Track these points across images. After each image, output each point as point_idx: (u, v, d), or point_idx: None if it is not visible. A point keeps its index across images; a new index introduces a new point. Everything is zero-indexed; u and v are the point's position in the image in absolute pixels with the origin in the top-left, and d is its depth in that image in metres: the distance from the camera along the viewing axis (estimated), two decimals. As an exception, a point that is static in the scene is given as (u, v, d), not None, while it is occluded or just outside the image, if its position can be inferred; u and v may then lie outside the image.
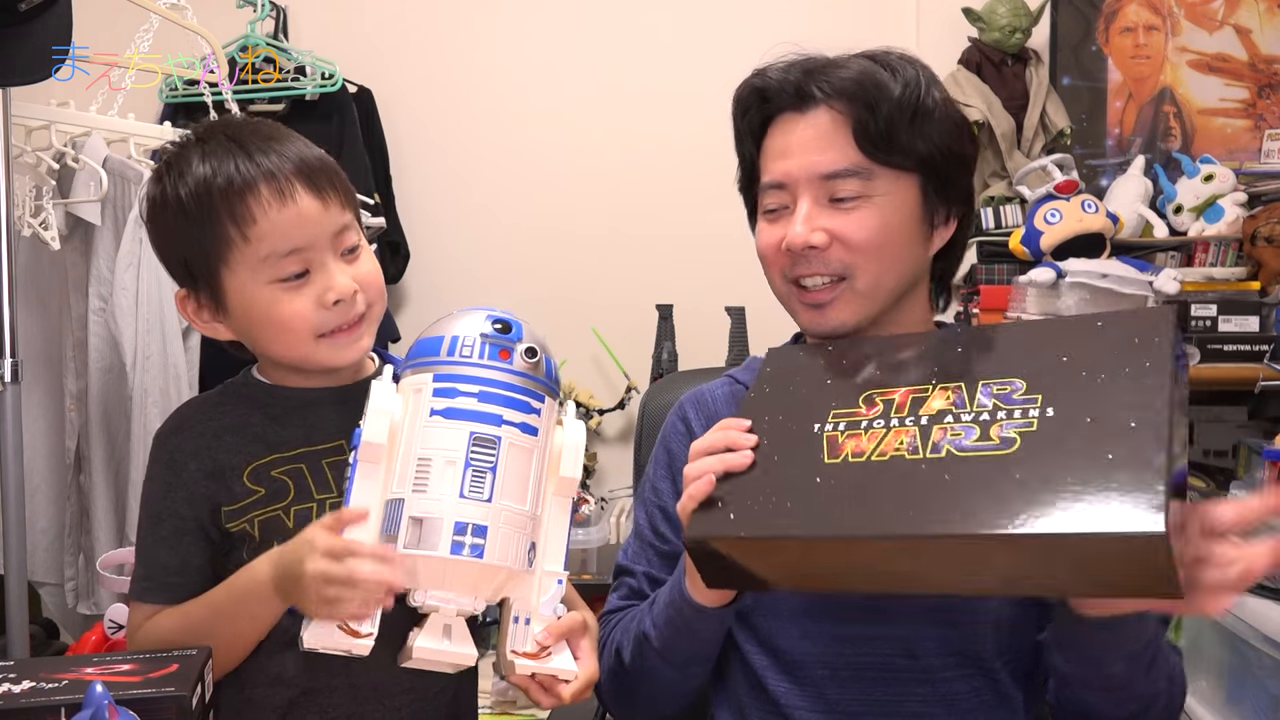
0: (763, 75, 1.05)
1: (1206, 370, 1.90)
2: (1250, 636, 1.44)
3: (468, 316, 0.88)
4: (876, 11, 2.45)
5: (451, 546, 0.81)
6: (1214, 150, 2.25)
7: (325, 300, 0.92)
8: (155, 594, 0.96)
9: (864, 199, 0.99)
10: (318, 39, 2.57)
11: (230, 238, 0.91)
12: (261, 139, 0.94)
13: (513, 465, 0.84)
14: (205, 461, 0.95)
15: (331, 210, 0.94)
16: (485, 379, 0.85)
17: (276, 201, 0.91)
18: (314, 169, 0.94)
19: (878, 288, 1.00)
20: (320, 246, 0.93)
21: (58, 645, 2.16)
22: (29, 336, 1.93)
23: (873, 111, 0.98)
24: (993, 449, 0.78)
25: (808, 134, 1.00)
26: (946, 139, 1.01)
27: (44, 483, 2.01)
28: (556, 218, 2.59)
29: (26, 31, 1.44)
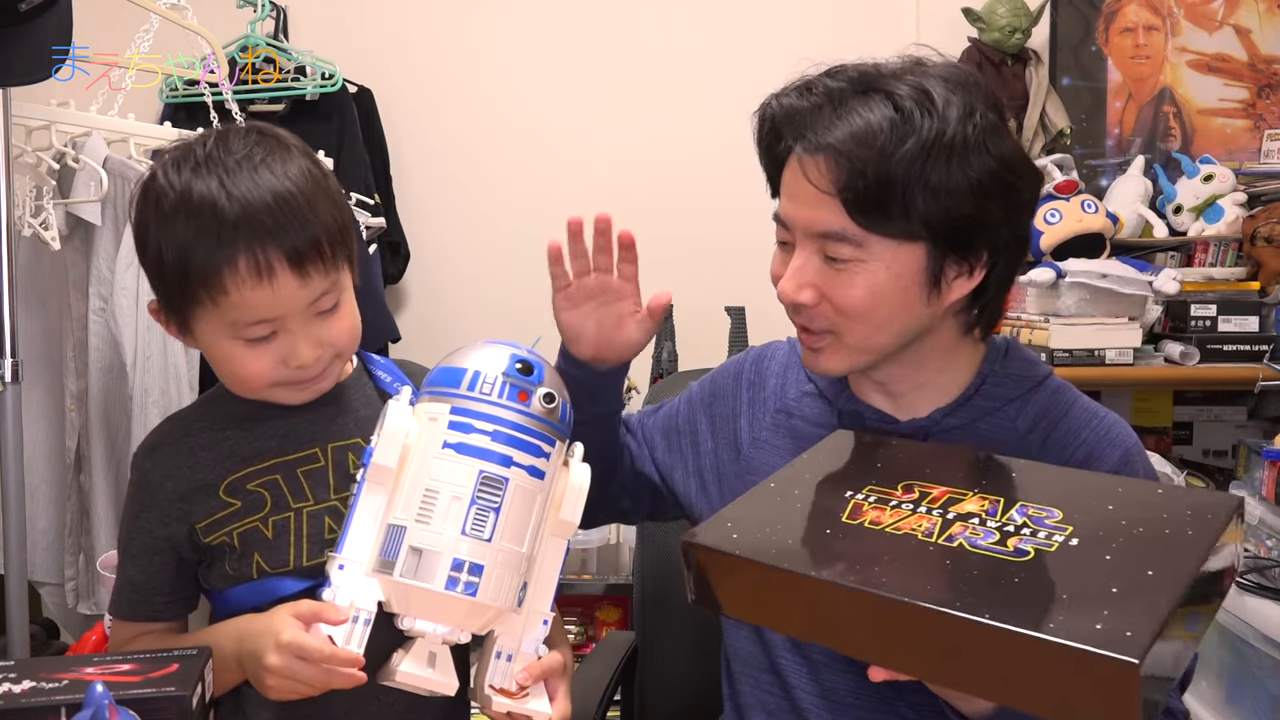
0: (776, 102, 0.97)
1: (1206, 370, 1.90)
2: (1250, 636, 1.44)
3: (492, 351, 0.88)
4: (876, 11, 2.45)
5: (447, 581, 0.82)
6: (1214, 150, 2.25)
7: (287, 363, 0.91)
8: (122, 609, 0.99)
9: (857, 262, 0.92)
10: (318, 39, 2.57)
11: (200, 298, 0.89)
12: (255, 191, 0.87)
13: (516, 507, 0.85)
14: (180, 483, 0.95)
15: (312, 284, 0.89)
16: (502, 419, 0.85)
17: (252, 279, 0.86)
18: (303, 243, 0.88)
19: (869, 345, 0.96)
20: (292, 316, 0.90)
21: (58, 645, 2.16)
22: (29, 336, 1.93)
23: (861, 177, 0.88)
24: (1004, 554, 0.77)
25: (804, 186, 0.93)
26: (963, 199, 0.89)
27: (44, 483, 2.00)
28: (556, 218, 2.57)
29: (26, 31, 1.44)
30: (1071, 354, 1.87)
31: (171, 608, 0.98)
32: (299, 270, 0.88)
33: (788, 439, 1.09)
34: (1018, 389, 1.01)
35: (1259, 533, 1.53)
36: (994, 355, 1.03)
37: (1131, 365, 1.89)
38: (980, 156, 0.89)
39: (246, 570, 0.94)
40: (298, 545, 0.94)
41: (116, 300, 1.86)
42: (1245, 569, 1.49)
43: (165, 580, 0.97)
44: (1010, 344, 1.05)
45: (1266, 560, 1.50)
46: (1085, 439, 0.99)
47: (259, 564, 0.94)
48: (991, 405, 1.00)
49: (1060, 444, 0.99)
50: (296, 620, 0.83)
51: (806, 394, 1.10)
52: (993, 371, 1.02)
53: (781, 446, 1.09)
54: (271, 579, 0.94)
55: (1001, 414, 1.00)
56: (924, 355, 0.99)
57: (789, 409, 1.10)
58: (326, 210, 0.91)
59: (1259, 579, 1.46)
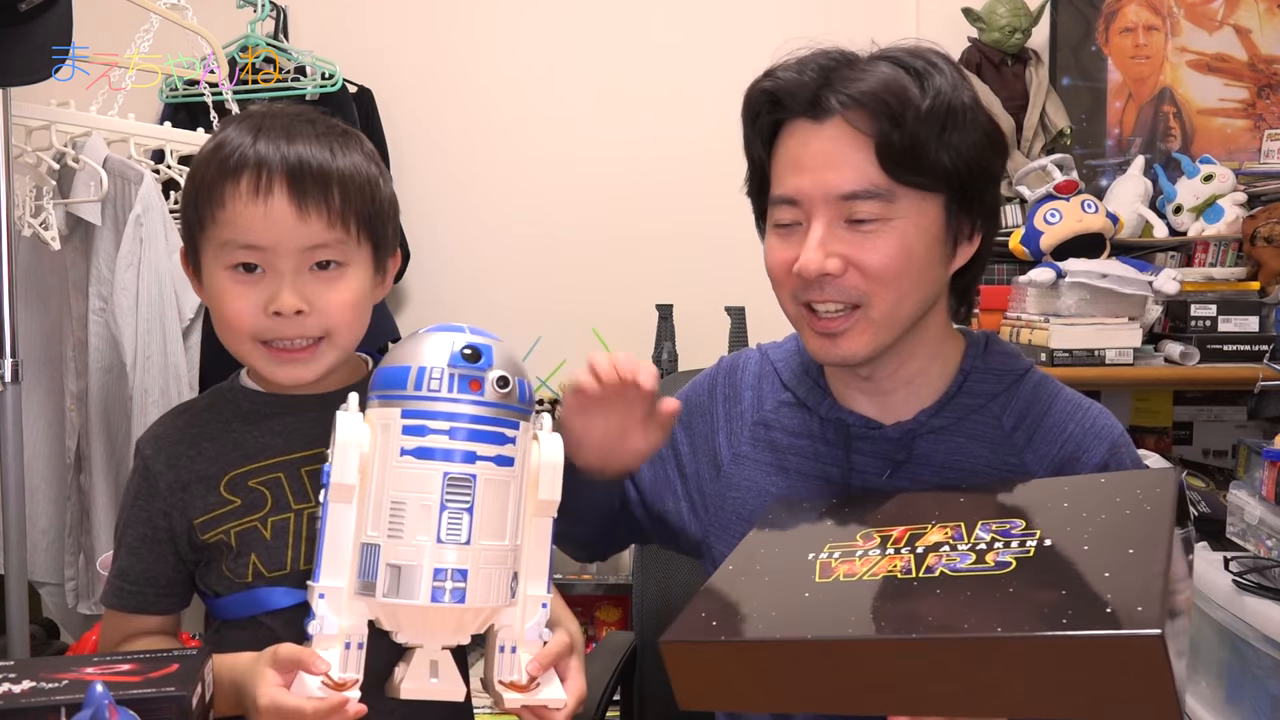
0: (774, 76, 0.97)
1: (1206, 370, 1.90)
2: (1250, 636, 1.44)
3: (435, 341, 0.83)
4: (876, 11, 2.45)
5: (432, 594, 0.79)
6: (1214, 150, 2.26)
7: (267, 308, 0.89)
8: (112, 598, 0.98)
9: (883, 221, 0.91)
10: (318, 39, 2.57)
11: (204, 214, 0.91)
12: (283, 127, 0.91)
13: (490, 502, 0.81)
14: (182, 473, 0.95)
15: (310, 223, 0.89)
16: (456, 414, 0.80)
17: (249, 194, 0.88)
18: (309, 175, 0.89)
19: (895, 316, 0.94)
20: (282, 253, 0.89)
21: (58, 645, 2.16)
22: (29, 336, 1.93)
23: (898, 126, 0.89)
24: (988, 570, 0.76)
25: (824, 148, 0.92)
26: (975, 152, 0.93)
27: (44, 483, 2.00)
28: (556, 217, 2.59)
29: (26, 31, 1.44)
30: (1071, 354, 1.87)
31: (164, 601, 0.98)
32: (298, 202, 0.88)
33: (767, 452, 1.07)
34: (1000, 384, 1.01)
35: (1259, 533, 1.53)
36: (974, 350, 1.02)
37: (1131, 365, 1.89)
38: (977, 116, 0.93)
39: (242, 572, 0.93)
40: (295, 548, 0.93)
41: (116, 300, 1.86)
42: (1245, 569, 1.48)
43: (160, 572, 0.96)
44: (989, 338, 1.05)
45: (1266, 560, 1.49)
46: (1071, 433, 0.99)
47: (256, 566, 0.93)
48: (976, 402, 1.00)
49: (1046, 439, 0.99)
50: (276, 674, 0.80)
51: (784, 404, 1.08)
52: (974, 366, 1.01)
53: (761, 460, 1.07)
54: (262, 590, 0.93)
55: (986, 411, 1.00)
56: (917, 341, 0.98)
57: (767, 421, 1.08)
58: (358, 191, 0.92)
59: (1259, 579, 1.46)
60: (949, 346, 1.02)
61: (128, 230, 1.86)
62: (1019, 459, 0.98)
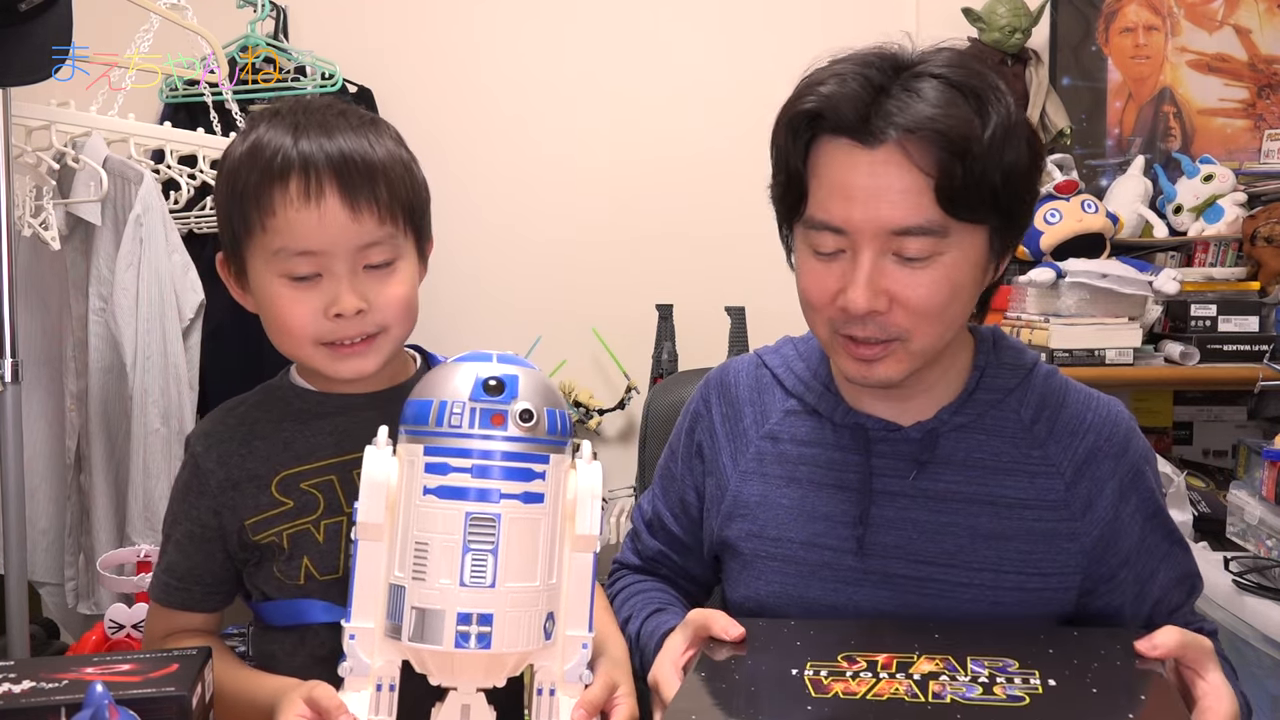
0: (816, 93, 0.89)
1: (1206, 370, 1.90)
2: (1250, 636, 1.44)
3: (457, 373, 0.80)
4: (876, 12, 2.45)
5: (456, 639, 0.76)
6: (1214, 150, 2.26)
7: (328, 311, 0.88)
8: (158, 592, 0.97)
9: (934, 257, 0.87)
10: (318, 39, 2.57)
11: (251, 223, 0.88)
12: (320, 123, 0.89)
13: (517, 542, 0.77)
14: (232, 471, 0.94)
15: (363, 221, 0.88)
16: (478, 451, 0.77)
17: (300, 199, 0.86)
18: (357, 171, 0.87)
19: (934, 348, 0.92)
20: (339, 255, 0.88)
21: (58, 645, 2.16)
22: (29, 336, 1.93)
23: (960, 162, 0.84)
24: (1002, 702, 0.75)
25: (876, 180, 0.86)
26: (1025, 175, 0.89)
27: (44, 483, 2.01)
28: (556, 218, 2.59)
29: (26, 31, 1.44)
30: (1071, 354, 1.87)
31: (210, 599, 0.97)
32: (350, 201, 0.86)
33: (776, 465, 1.04)
34: (1014, 378, 1.01)
35: (1259, 533, 1.53)
36: (985, 346, 1.02)
37: (1131, 365, 1.89)
38: (1026, 131, 0.90)
39: (295, 574, 0.93)
40: (349, 550, 0.90)
41: (116, 300, 1.86)
42: (1245, 569, 1.49)
43: (208, 570, 0.96)
44: (995, 333, 1.05)
45: (1266, 560, 1.49)
46: (1091, 423, 0.99)
47: (309, 569, 0.92)
48: (994, 397, 1.00)
49: (1068, 431, 0.99)
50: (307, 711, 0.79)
51: (791, 412, 1.05)
52: (989, 362, 1.01)
53: (770, 474, 1.03)
54: (304, 601, 0.93)
55: (1004, 405, 1.00)
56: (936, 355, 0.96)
57: (774, 434, 1.05)
58: (400, 180, 0.91)
59: (1259, 579, 1.46)
60: (962, 348, 1.01)
61: (128, 230, 1.86)
62: (1042, 451, 0.98)
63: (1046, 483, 0.97)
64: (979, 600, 0.96)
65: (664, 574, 1.16)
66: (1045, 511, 0.97)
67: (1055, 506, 0.97)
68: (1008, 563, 0.96)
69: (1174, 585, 1.02)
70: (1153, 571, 1.01)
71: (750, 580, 1.03)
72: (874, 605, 0.98)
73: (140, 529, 1.88)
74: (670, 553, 1.14)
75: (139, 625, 1.64)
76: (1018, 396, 1.00)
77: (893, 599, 0.97)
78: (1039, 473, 0.98)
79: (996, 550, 0.96)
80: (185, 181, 2.07)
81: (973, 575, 0.96)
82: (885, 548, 0.98)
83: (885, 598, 0.97)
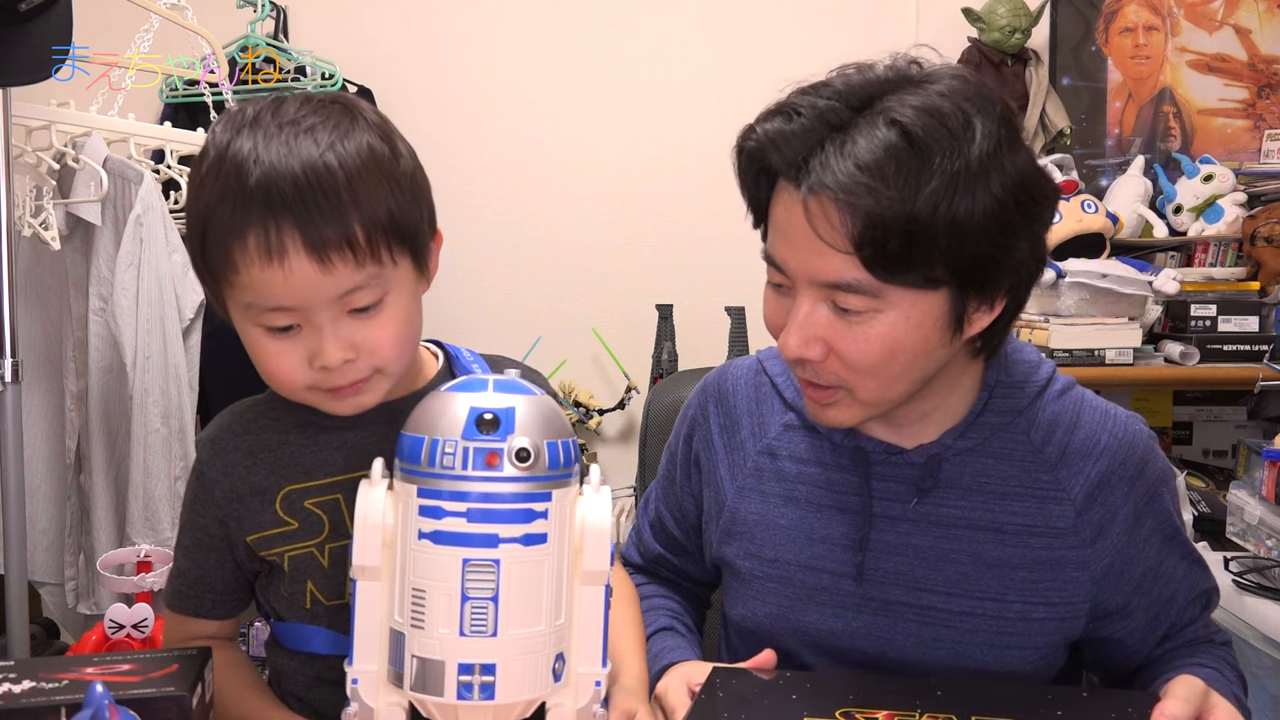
0: (759, 131, 0.85)
1: (1206, 370, 1.90)
2: (1250, 636, 1.44)
3: (450, 407, 0.74)
4: (876, 11, 2.45)
5: (458, 690, 0.72)
6: (1214, 150, 2.26)
7: (312, 363, 0.81)
8: (170, 598, 0.96)
9: (872, 314, 0.82)
10: (318, 39, 2.57)
11: (216, 274, 0.80)
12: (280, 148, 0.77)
13: (519, 587, 0.73)
14: (236, 483, 0.90)
15: (336, 273, 0.77)
16: (473, 493, 0.72)
17: (261, 258, 0.76)
18: (322, 216, 0.76)
19: (882, 398, 0.88)
20: (315, 307, 0.79)
21: (58, 645, 2.16)
22: (29, 336, 1.93)
23: (879, 227, 0.77)
24: None
25: (806, 227, 0.81)
26: (989, 237, 0.80)
27: (44, 483, 2.01)
28: (556, 218, 2.59)
29: (26, 31, 1.44)
30: (1071, 354, 1.87)
31: (221, 606, 0.95)
32: (318, 256, 0.76)
33: (774, 482, 1.00)
34: (1024, 397, 0.95)
35: (1259, 533, 1.53)
36: (996, 362, 0.95)
37: (1131, 365, 1.89)
38: (1000, 177, 0.80)
39: (300, 598, 0.90)
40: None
41: (116, 300, 1.86)
42: (1245, 569, 1.48)
43: (217, 578, 0.93)
44: (1009, 345, 0.97)
45: (1266, 560, 1.49)
46: (1106, 445, 0.94)
47: (314, 593, 0.90)
48: (1002, 420, 0.94)
49: (1080, 454, 0.94)
50: None
51: (790, 427, 1.01)
52: (998, 382, 0.95)
53: (767, 492, 1.00)
54: (309, 628, 0.91)
55: (1013, 428, 0.94)
56: (930, 389, 0.91)
57: (772, 449, 1.01)
58: (378, 194, 0.79)
59: (1259, 579, 1.46)
60: (966, 376, 0.94)
61: (128, 230, 1.86)
62: (1052, 475, 0.93)
63: (1056, 509, 0.93)
64: (981, 630, 0.93)
65: (665, 576, 1.15)
66: (1053, 539, 0.93)
67: (1064, 533, 0.93)
68: (1012, 592, 0.93)
69: (1189, 604, 1.00)
70: (1170, 596, 0.98)
71: (748, 600, 1.00)
72: (872, 631, 0.95)
73: (140, 529, 1.88)
74: (670, 555, 1.13)
75: (139, 625, 1.64)
76: (1028, 417, 0.95)
77: (891, 626, 0.95)
78: (1048, 498, 0.93)
79: (1000, 578, 0.93)
80: (185, 181, 2.07)
81: (975, 604, 0.93)
82: (885, 574, 0.94)
83: (884, 625, 0.95)
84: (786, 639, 0.98)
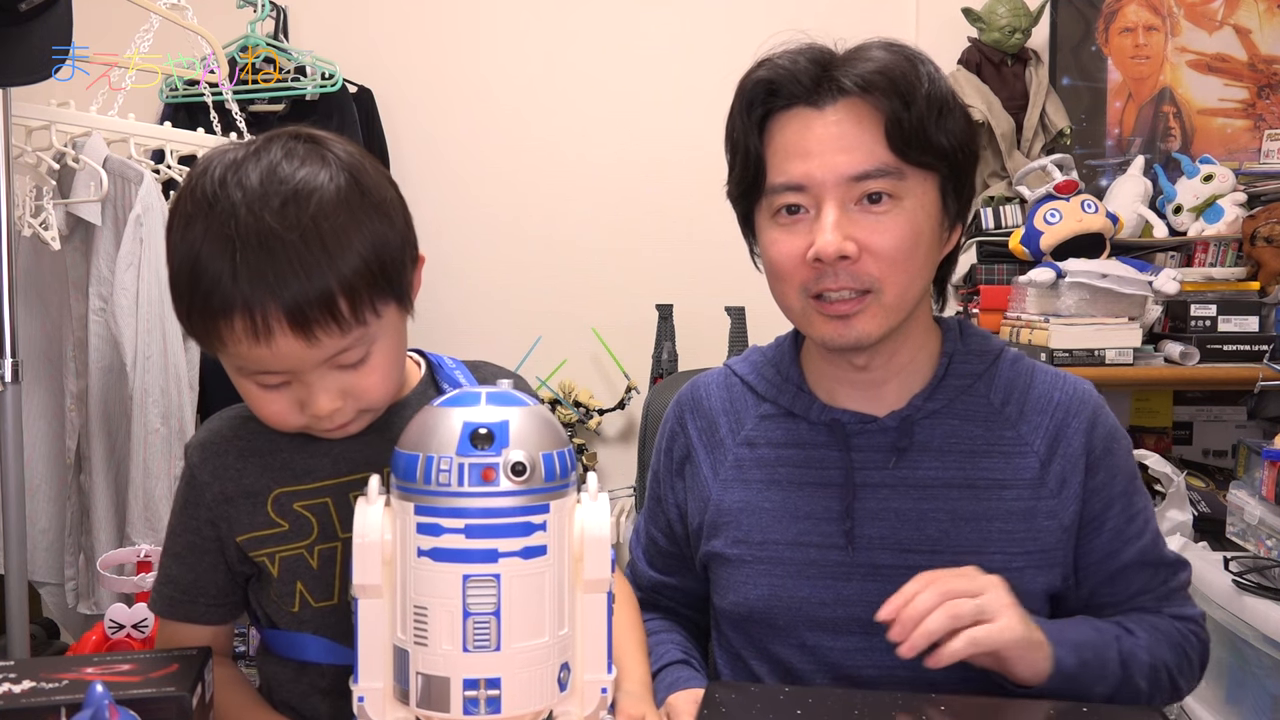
0: (771, 65, 0.97)
1: (1206, 370, 1.90)
2: (1250, 636, 1.44)
3: (443, 422, 0.73)
4: (876, 12, 2.45)
5: (464, 706, 0.73)
6: (1214, 150, 2.26)
7: (304, 411, 0.84)
8: (162, 606, 0.95)
9: (894, 202, 0.93)
10: (318, 39, 2.57)
11: (204, 340, 0.82)
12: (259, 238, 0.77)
13: (521, 600, 0.73)
14: (227, 485, 0.92)
15: (322, 346, 0.80)
16: (470, 509, 0.71)
17: (248, 339, 0.79)
18: (310, 301, 0.78)
19: (904, 299, 0.95)
20: (303, 371, 0.82)
21: (58, 645, 2.16)
22: (29, 336, 1.93)
23: (907, 107, 0.92)
24: None
25: (830, 131, 0.93)
26: (964, 135, 0.96)
27: (44, 483, 2.01)
28: (556, 218, 2.59)
29: (26, 31, 1.44)
30: (1071, 354, 1.87)
31: (215, 611, 0.95)
32: (303, 332, 0.79)
33: (755, 470, 1.05)
34: (981, 363, 1.03)
35: (1259, 533, 1.53)
36: (952, 335, 1.05)
37: (1131, 365, 1.89)
38: (960, 104, 0.97)
39: (289, 601, 0.91)
40: (344, 577, 0.91)
41: (116, 300, 1.86)
42: (1245, 569, 1.49)
43: (210, 582, 0.93)
44: (962, 323, 1.07)
45: (1266, 560, 1.49)
46: (1059, 401, 1.02)
47: (304, 595, 0.91)
48: (963, 383, 1.02)
49: (1037, 409, 1.01)
50: None
51: (766, 417, 1.06)
52: (956, 349, 1.03)
53: (750, 480, 1.05)
54: (304, 636, 0.92)
55: (973, 391, 1.02)
56: (907, 332, 1.00)
57: (750, 440, 1.06)
58: (358, 249, 0.80)
59: (1259, 579, 1.46)
60: (931, 335, 1.04)
61: (128, 230, 1.86)
62: (1014, 431, 1.00)
63: (1021, 461, 0.99)
64: None
65: (665, 605, 1.16)
66: (1023, 490, 0.99)
67: (1032, 484, 0.99)
68: (991, 544, 0.97)
69: (1140, 567, 1.02)
70: (1116, 551, 1.01)
71: (739, 585, 1.03)
72: (863, 597, 0.98)
73: (140, 529, 1.88)
74: (669, 578, 1.14)
75: (139, 625, 1.64)
76: (986, 381, 1.02)
77: (881, 590, 0.96)
78: (1014, 452, 1.00)
79: (979, 532, 0.98)
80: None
81: (956, 558, 0.96)
82: (870, 539, 0.99)
83: (874, 589, 0.97)
84: (780, 618, 1.01)
